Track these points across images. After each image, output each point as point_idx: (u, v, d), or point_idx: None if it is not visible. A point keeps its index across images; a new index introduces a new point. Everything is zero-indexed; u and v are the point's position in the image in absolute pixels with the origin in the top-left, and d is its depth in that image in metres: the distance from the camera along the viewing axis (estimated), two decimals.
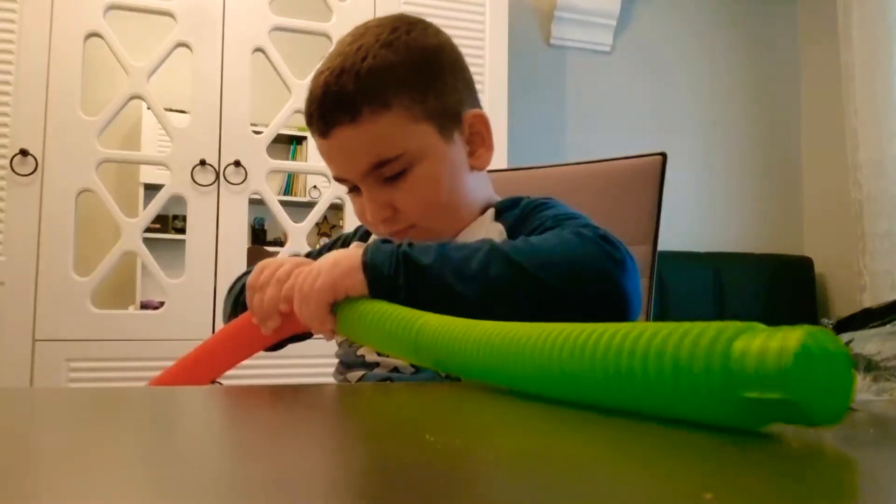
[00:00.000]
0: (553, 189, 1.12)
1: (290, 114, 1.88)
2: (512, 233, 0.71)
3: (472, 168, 0.74)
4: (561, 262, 0.56)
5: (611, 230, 0.71)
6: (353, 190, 0.73)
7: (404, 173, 0.69)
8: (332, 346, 0.78)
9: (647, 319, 0.98)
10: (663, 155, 1.00)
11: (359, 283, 0.57)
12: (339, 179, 0.73)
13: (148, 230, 1.86)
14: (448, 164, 0.71)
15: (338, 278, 0.57)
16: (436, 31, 0.74)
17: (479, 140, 0.75)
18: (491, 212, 0.76)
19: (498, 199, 0.79)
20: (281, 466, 0.23)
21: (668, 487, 0.21)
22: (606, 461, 0.26)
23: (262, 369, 1.53)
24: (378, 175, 0.69)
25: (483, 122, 0.74)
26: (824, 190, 2.81)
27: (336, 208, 2.27)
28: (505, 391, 0.41)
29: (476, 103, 0.76)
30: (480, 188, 0.77)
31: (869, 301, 2.43)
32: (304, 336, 0.71)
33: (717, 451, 0.26)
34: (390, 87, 0.67)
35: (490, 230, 0.73)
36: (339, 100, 0.67)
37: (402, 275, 0.56)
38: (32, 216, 1.66)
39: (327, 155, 0.71)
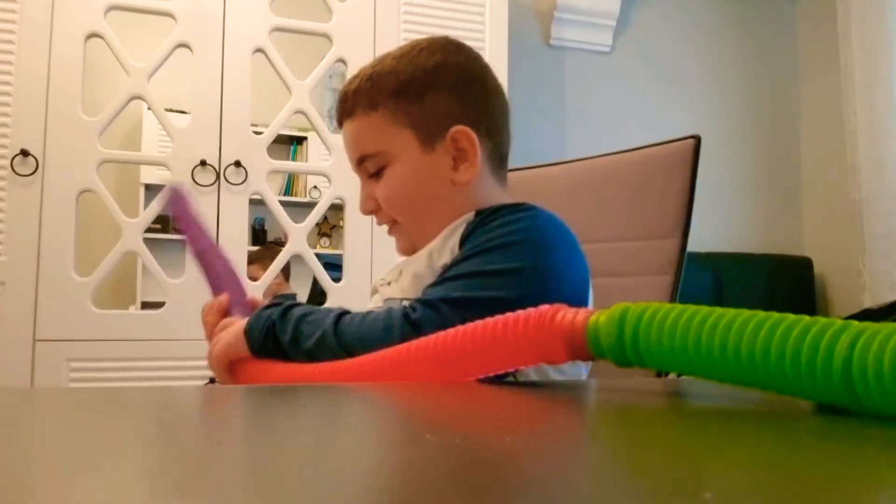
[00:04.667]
0: (563, 187, 1.08)
1: (290, 114, 1.88)
2: (470, 237, 0.70)
3: (455, 182, 0.75)
4: (371, 347, 0.57)
5: (631, 224, 0.70)
6: None
7: (383, 170, 0.76)
8: None
9: None
10: (696, 138, 0.90)
11: (243, 348, 0.69)
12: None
13: (148, 230, 1.86)
14: (423, 171, 0.76)
15: (231, 342, 0.70)
16: (455, 51, 0.78)
17: (464, 156, 0.76)
18: (463, 218, 0.75)
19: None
20: (280, 466, 0.23)
21: (668, 487, 0.21)
22: (606, 460, 0.26)
23: None
24: (364, 169, 0.78)
25: (468, 139, 0.75)
26: (824, 190, 2.81)
27: (336, 208, 2.27)
28: (503, 391, 0.41)
29: (476, 122, 0.76)
30: (469, 202, 0.76)
31: (869, 301, 2.43)
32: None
33: (717, 450, 0.26)
34: (381, 92, 0.75)
35: (449, 236, 0.73)
36: (345, 98, 0.78)
37: (270, 342, 0.67)
38: (33, 216, 1.66)
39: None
